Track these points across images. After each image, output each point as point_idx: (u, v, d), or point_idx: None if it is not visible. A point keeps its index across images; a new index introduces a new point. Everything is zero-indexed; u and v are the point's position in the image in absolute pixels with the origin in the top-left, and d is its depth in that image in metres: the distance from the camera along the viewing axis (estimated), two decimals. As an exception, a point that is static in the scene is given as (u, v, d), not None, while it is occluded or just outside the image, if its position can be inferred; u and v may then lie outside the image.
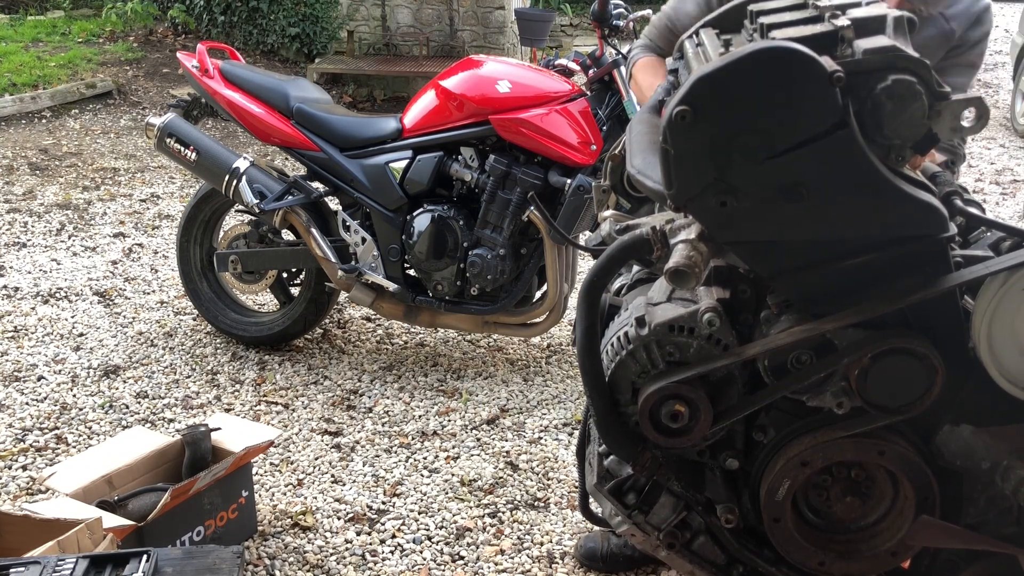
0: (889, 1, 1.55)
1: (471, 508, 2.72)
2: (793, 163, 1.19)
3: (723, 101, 1.17)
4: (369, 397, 3.33)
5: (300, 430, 3.11)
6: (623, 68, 3.38)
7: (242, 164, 3.42)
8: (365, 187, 3.38)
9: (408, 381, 3.45)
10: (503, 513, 2.70)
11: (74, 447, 2.99)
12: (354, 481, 2.84)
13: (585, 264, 4.24)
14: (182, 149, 3.50)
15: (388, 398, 3.32)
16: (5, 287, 4.19)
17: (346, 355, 3.65)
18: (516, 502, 2.75)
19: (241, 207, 3.53)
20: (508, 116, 3.22)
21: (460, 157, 3.35)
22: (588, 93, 3.42)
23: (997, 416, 1.35)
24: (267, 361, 3.59)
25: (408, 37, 8.02)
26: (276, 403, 3.28)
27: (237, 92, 3.50)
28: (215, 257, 3.61)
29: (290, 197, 3.41)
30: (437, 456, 2.98)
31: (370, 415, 3.22)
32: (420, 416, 3.21)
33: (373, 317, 3.97)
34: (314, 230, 3.40)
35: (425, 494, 2.78)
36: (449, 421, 3.18)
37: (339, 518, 2.67)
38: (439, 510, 2.71)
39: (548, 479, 2.87)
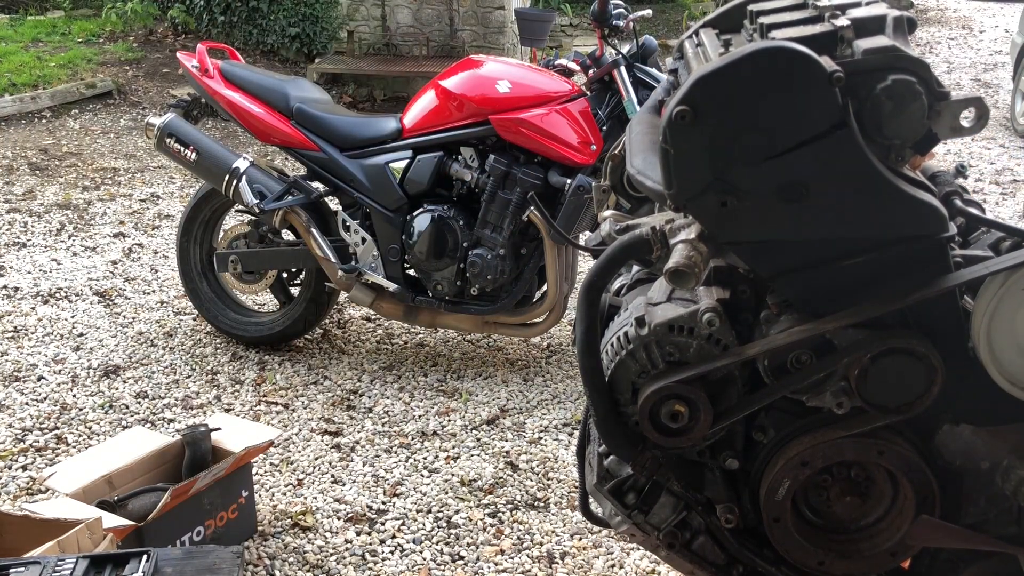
0: None
1: (471, 508, 2.72)
2: (793, 163, 1.19)
3: (723, 101, 1.17)
4: (369, 397, 3.34)
5: (300, 430, 3.11)
6: (623, 68, 3.38)
7: (242, 164, 3.42)
8: (365, 187, 3.39)
9: (408, 381, 3.45)
10: (503, 513, 2.70)
11: (74, 447, 2.99)
12: (354, 481, 2.84)
13: (585, 264, 4.24)
14: (182, 149, 3.50)
15: (388, 398, 3.32)
16: (5, 287, 4.19)
17: (346, 355, 3.65)
18: (516, 502, 2.75)
19: (241, 207, 3.53)
20: (508, 116, 3.22)
21: (460, 157, 3.35)
22: (588, 93, 3.42)
23: (997, 416, 1.35)
24: (267, 361, 3.59)
25: (408, 37, 8.02)
26: (276, 403, 3.28)
27: (237, 92, 3.50)
28: (215, 257, 3.61)
29: (290, 197, 3.41)
30: (437, 456, 2.98)
31: (370, 415, 3.22)
32: (420, 416, 3.21)
33: (373, 317, 3.97)
34: (314, 230, 3.40)
35: (425, 494, 2.78)
36: (449, 421, 3.18)
37: (339, 518, 2.67)
38: (439, 510, 2.71)
39: (548, 479, 2.87)
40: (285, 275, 3.68)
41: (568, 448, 3.02)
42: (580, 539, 2.59)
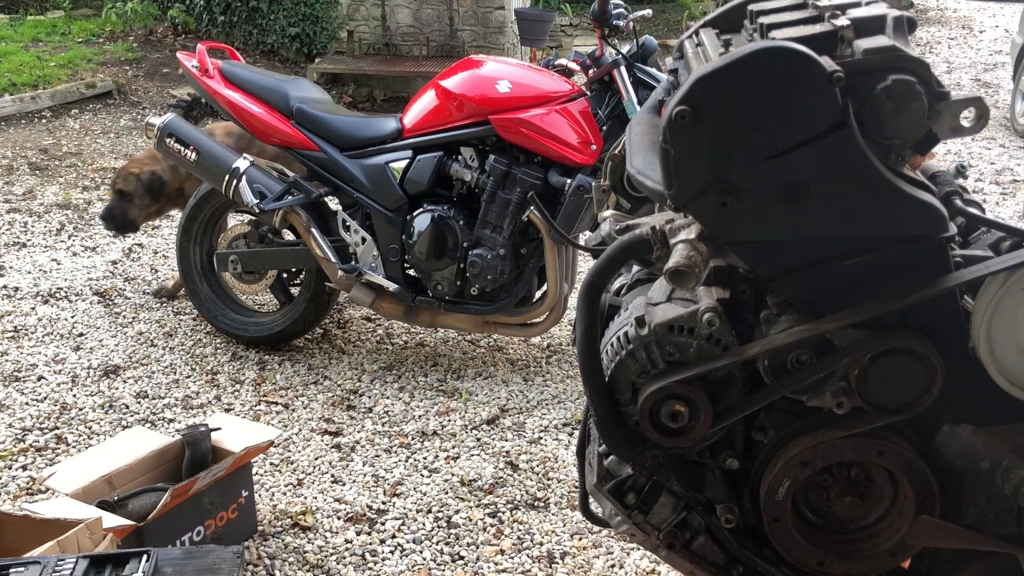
0: None
1: (471, 508, 2.72)
2: (793, 163, 1.19)
3: (723, 101, 1.17)
4: (369, 397, 3.34)
5: (300, 430, 3.11)
6: (623, 68, 3.38)
7: (242, 164, 3.42)
8: (365, 187, 3.38)
9: (408, 381, 3.45)
10: (503, 513, 2.70)
11: (74, 447, 2.99)
12: (354, 481, 2.84)
13: (585, 264, 4.24)
14: (182, 149, 3.50)
15: (388, 398, 3.32)
16: (5, 287, 4.19)
17: (346, 355, 3.65)
18: (516, 502, 2.75)
19: (241, 207, 3.53)
20: (508, 116, 3.22)
21: (460, 157, 3.35)
22: (588, 93, 3.42)
23: (997, 416, 1.35)
24: (267, 361, 3.59)
25: (408, 37, 8.02)
26: (276, 403, 3.28)
27: (237, 92, 3.50)
28: (215, 257, 3.61)
29: (290, 197, 3.41)
30: (437, 456, 2.98)
31: (370, 415, 3.22)
32: (420, 416, 3.21)
33: (373, 317, 3.97)
34: (314, 230, 3.40)
35: (425, 494, 2.78)
36: (449, 421, 3.18)
37: (339, 518, 2.67)
38: (439, 510, 2.71)
39: (548, 479, 2.87)
40: (285, 275, 3.68)
41: (568, 448, 3.02)
42: (580, 539, 2.59)
